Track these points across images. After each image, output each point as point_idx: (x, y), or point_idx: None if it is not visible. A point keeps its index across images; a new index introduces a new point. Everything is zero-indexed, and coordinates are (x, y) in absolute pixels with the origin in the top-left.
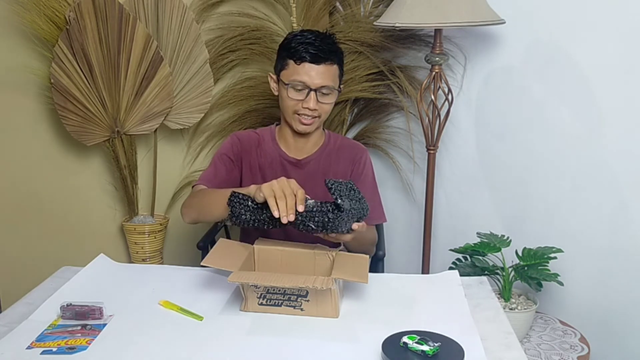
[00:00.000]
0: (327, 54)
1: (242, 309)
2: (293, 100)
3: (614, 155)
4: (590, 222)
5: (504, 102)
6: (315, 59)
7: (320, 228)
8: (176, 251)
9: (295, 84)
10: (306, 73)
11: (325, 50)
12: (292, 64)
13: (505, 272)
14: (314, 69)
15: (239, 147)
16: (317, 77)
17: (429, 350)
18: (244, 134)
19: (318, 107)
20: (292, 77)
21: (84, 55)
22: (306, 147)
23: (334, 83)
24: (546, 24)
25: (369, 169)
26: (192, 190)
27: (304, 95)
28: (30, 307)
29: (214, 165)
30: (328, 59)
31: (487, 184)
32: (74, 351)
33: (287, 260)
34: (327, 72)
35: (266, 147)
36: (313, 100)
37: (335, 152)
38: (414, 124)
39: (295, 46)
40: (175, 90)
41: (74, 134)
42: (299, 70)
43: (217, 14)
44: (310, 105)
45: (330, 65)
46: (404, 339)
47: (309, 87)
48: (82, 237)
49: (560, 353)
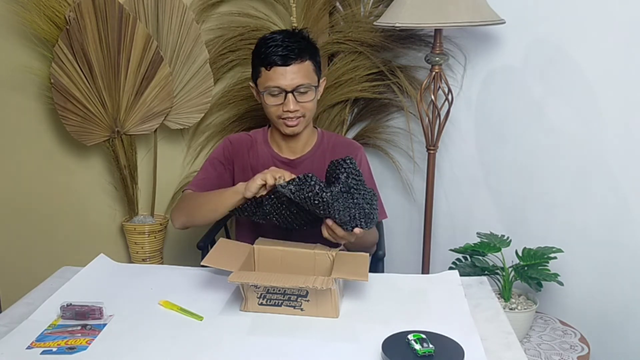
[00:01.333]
0: (296, 52)
1: (242, 309)
2: (273, 106)
3: (614, 155)
4: (590, 222)
5: (504, 102)
6: (284, 60)
7: (316, 201)
8: (176, 251)
9: (270, 90)
10: (278, 77)
11: (294, 48)
12: (264, 70)
13: (505, 272)
14: (285, 71)
15: (230, 150)
16: (290, 79)
17: (418, 349)
18: (236, 137)
19: (299, 107)
20: (266, 83)
21: (84, 55)
22: (298, 147)
23: (310, 80)
24: (546, 24)
25: (365, 166)
26: (181, 195)
27: (282, 99)
28: (30, 307)
29: (204, 170)
30: (298, 57)
31: (487, 184)
32: (74, 351)
33: (287, 260)
34: (300, 71)
35: (259, 149)
36: (292, 102)
37: (329, 150)
38: (414, 124)
39: (265, 51)
40: (175, 90)
41: (74, 134)
42: (270, 75)
43: (217, 14)
44: (290, 107)
45: (301, 63)
46: (410, 337)
47: (285, 90)
48: (82, 237)
49: (560, 353)
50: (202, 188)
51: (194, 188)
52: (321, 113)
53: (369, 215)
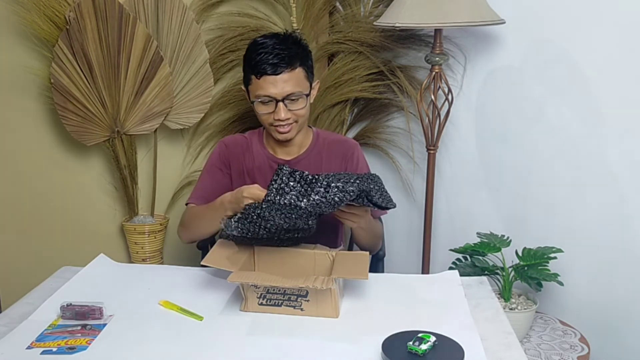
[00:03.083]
0: (286, 60)
1: (242, 309)
2: (264, 114)
3: (614, 155)
4: (590, 222)
5: (504, 102)
6: (274, 69)
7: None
8: (176, 251)
9: (261, 99)
10: (269, 86)
11: (284, 56)
12: (254, 79)
13: (505, 272)
14: (275, 80)
15: (226, 153)
16: (280, 87)
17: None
18: (231, 139)
19: (291, 114)
20: (256, 92)
21: (84, 55)
22: (293, 149)
23: (301, 88)
24: (546, 24)
25: (362, 163)
26: (185, 209)
27: (273, 107)
28: (30, 307)
29: (201, 180)
30: (288, 66)
31: (487, 184)
32: (74, 351)
33: (287, 260)
34: (290, 79)
35: (254, 150)
36: (283, 110)
37: (325, 149)
38: (414, 124)
39: (254, 58)
40: (175, 90)
41: (74, 134)
42: (261, 84)
43: (217, 14)
44: (281, 116)
45: (291, 71)
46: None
47: (275, 99)
48: (82, 237)
49: (560, 353)
50: (200, 199)
51: (193, 200)
52: (321, 113)
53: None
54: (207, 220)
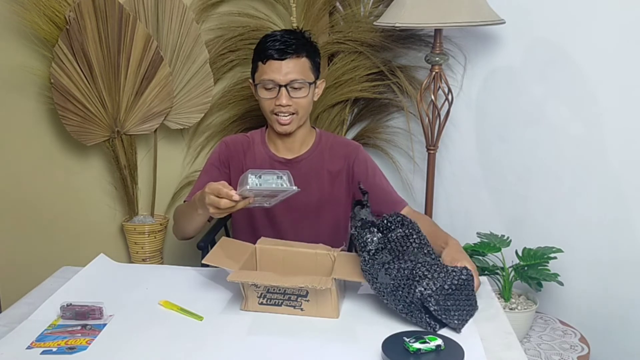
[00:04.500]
0: (293, 47)
1: (243, 309)
2: (266, 100)
3: (613, 155)
4: (590, 222)
5: (504, 102)
6: (280, 53)
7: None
8: (176, 251)
9: (265, 83)
10: (273, 70)
11: (291, 43)
12: (260, 64)
13: (505, 272)
14: (280, 64)
15: (226, 153)
16: (284, 73)
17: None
18: (233, 139)
19: (292, 102)
20: (261, 77)
21: (84, 55)
22: (295, 147)
23: (305, 76)
24: (546, 24)
25: (372, 164)
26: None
27: (276, 93)
28: (30, 307)
29: (200, 179)
30: (295, 52)
31: (487, 184)
32: (74, 351)
33: (288, 260)
34: (295, 66)
35: (256, 149)
36: (284, 96)
37: (327, 150)
38: (414, 124)
39: (262, 46)
40: (175, 90)
41: (74, 134)
42: (266, 69)
43: (217, 14)
44: (282, 101)
45: (297, 58)
46: (410, 337)
47: (278, 84)
48: (82, 237)
49: (560, 353)
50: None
51: (188, 199)
52: (321, 113)
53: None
54: (187, 218)
